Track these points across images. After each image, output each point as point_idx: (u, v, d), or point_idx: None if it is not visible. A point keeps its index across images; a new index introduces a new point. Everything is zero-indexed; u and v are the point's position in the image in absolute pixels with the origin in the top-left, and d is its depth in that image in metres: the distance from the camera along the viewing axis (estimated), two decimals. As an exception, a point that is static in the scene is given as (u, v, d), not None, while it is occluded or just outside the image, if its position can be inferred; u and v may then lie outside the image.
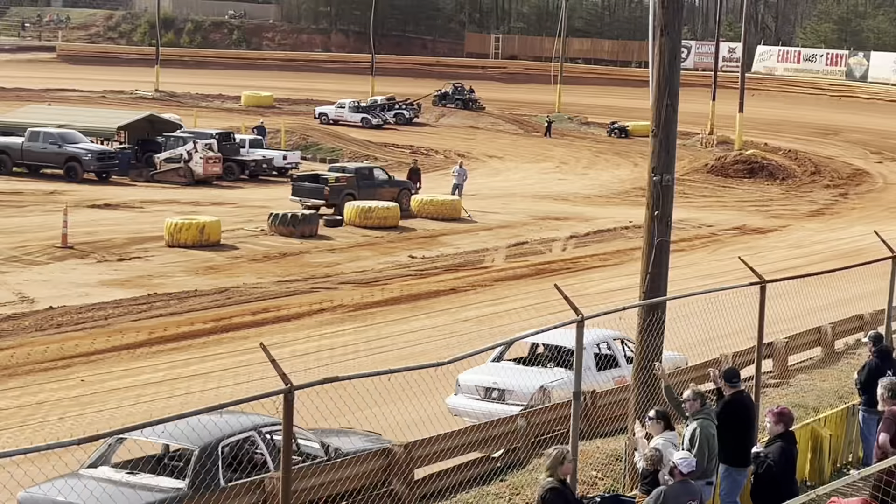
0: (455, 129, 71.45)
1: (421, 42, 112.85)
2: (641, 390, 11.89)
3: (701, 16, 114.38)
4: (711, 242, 36.32)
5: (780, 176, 54.37)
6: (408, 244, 33.69)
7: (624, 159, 59.57)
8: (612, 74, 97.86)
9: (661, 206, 12.18)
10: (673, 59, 12.15)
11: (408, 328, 22.74)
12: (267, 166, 48.93)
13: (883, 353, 13.07)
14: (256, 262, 29.58)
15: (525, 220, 39.17)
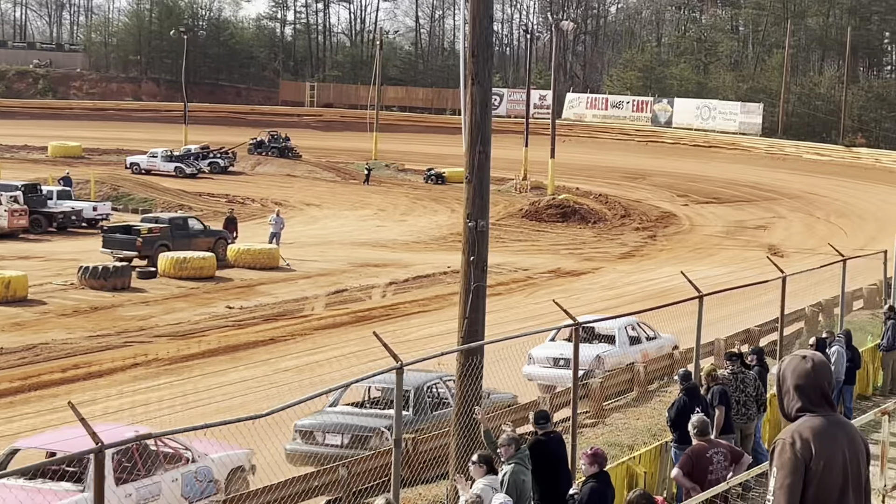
0: (271, 177, 70.95)
1: (235, 90, 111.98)
2: (462, 435, 11.94)
3: (512, 64, 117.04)
4: (528, 286, 36.94)
5: (592, 219, 55.84)
6: (225, 294, 33.16)
7: (441, 205, 60.20)
8: (427, 122, 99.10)
9: (477, 251, 12.33)
10: (485, 108, 12.36)
11: (226, 380, 22.34)
12: (76, 218, 47.54)
13: (690, 390, 13.48)
14: (66, 317, 28.62)
15: (344, 267, 39.08)
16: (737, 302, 21.77)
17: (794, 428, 5.16)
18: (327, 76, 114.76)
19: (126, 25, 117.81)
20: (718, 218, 58.20)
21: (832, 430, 5.14)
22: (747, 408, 14.54)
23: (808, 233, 52.17)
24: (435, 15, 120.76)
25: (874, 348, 21.05)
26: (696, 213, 59.62)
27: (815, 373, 5.18)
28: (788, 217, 57.73)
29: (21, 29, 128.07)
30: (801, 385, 5.19)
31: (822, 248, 23.30)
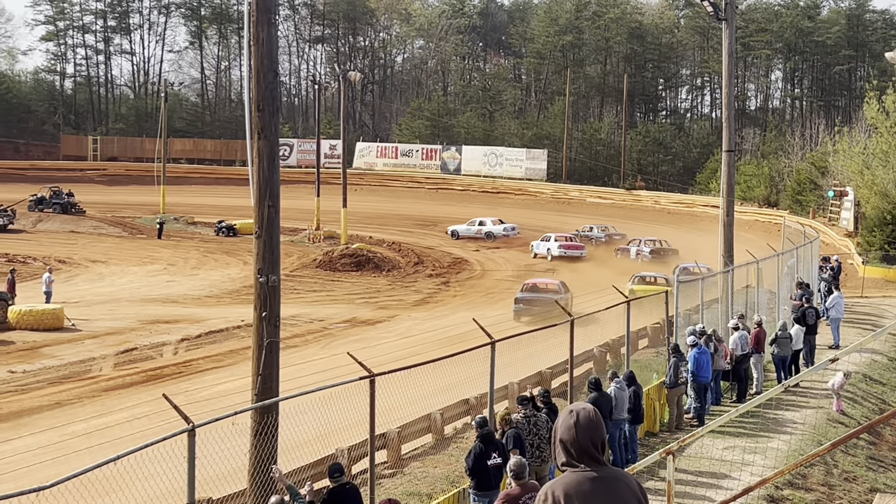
0: (54, 234, 68.64)
1: (13, 145, 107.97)
2: (258, 493, 11.76)
3: (301, 114, 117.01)
4: (323, 337, 36.79)
5: (386, 267, 56.19)
6: (6, 358, 31.78)
7: (233, 258, 59.45)
8: (216, 173, 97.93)
9: (269, 306, 12.24)
10: (272, 161, 12.32)
11: (9, 449, 21.32)
12: None
13: (486, 436, 13.66)
14: None
15: (133, 325, 38.06)
16: (529, 345, 22.21)
17: (550, 484, 5.19)
18: (111, 129, 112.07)
19: None
20: (508, 262, 59.44)
21: (590, 487, 5.10)
22: (541, 450, 14.84)
23: (594, 273, 53.84)
24: (221, 66, 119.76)
25: (660, 385, 21.82)
26: (488, 258, 60.74)
27: (578, 428, 5.17)
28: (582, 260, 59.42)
29: None
30: (564, 440, 5.20)
31: (608, 289, 24.07)
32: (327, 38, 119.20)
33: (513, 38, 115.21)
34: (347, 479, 11.80)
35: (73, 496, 9.72)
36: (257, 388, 11.96)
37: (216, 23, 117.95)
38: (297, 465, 14.92)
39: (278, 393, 12.26)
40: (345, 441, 16.95)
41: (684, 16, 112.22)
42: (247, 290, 46.48)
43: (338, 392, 13.52)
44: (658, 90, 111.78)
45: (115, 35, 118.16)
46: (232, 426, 11.37)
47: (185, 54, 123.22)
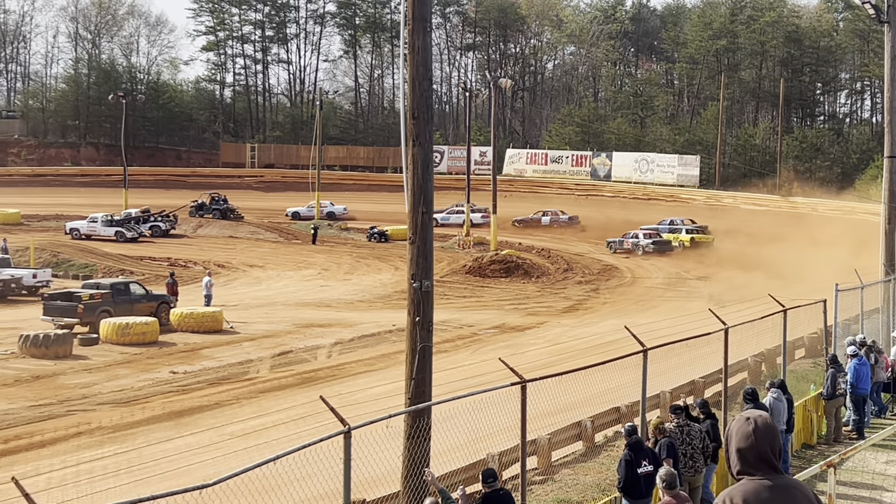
0: (214, 239, 70.65)
1: (175, 153, 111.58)
2: (411, 498, 11.90)
3: (452, 121, 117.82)
4: (473, 342, 36.97)
5: (535, 274, 56.16)
6: (169, 359, 32.85)
7: (385, 263, 60.23)
8: (368, 180, 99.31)
9: (422, 311, 12.38)
10: (426, 168, 12.46)
11: (171, 447, 22.03)
12: (16, 286, 46.99)
13: (635, 444, 13.53)
14: (7, 387, 28.17)
15: (289, 328, 38.91)
16: (680, 354, 21.93)
17: (727, 492, 5.18)
18: (268, 137, 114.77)
19: (63, 91, 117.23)
20: (659, 270, 58.73)
21: (767, 495, 5.10)
22: (694, 460, 14.64)
23: (749, 282, 52.78)
24: (374, 74, 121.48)
25: (817, 397, 21.28)
26: (638, 266, 60.12)
27: (756, 436, 5.16)
28: (728, 267, 58.41)
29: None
30: (741, 448, 5.17)
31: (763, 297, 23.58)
32: (478, 45, 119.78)
33: (665, 43, 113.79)
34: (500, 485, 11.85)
35: (233, 495, 10.00)
36: (410, 392, 12.12)
37: (370, 32, 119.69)
38: (448, 469, 15.04)
39: (431, 397, 12.40)
40: (496, 446, 17.00)
41: (843, 18, 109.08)
42: (398, 295, 47.07)
43: (488, 397, 13.59)
44: (815, 94, 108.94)
45: (272, 45, 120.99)
46: (386, 429, 11.54)
47: (340, 63, 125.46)
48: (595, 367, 16.01)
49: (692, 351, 22.59)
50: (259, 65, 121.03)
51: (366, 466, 11.73)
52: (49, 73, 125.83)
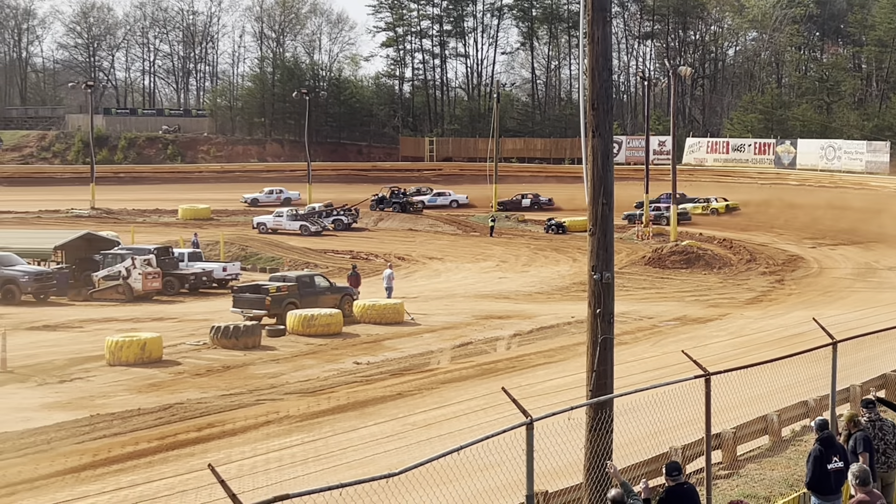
0: (394, 232, 71.83)
1: (356, 148, 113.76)
2: (594, 489, 11.87)
3: (630, 111, 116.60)
4: (653, 334, 36.56)
5: (717, 265, 55.12)
6: (352, 350, 33.55)
7: (563, 255, 60.10)
8: (545, 172, 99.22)
9: (603, 303, 12.32)
10: (606, 160, 12.38)
11: (356, 436, 22.53)
12: (207, 279, 48.73)
13: (826, 440, 13.15)
14: (200, 377, 29.26)
15: (468, 320, 39.23)
16: (871, 346, 21.22)
17: None
18: (446, 130, 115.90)
19: (250, 89, 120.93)
20: (848, 260, 56.89)
21: None
22: (887, 455, 14.14)
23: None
24: (551, 66, 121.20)
25: None
26: (825, 256, 58.40)
27: None
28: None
29: (150, 96, 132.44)
30: None
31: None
32: (657, 33, 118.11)
33: (852, 27, 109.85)
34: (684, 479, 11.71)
35: (419, 483, 10.17)
36: (592, 384, 12.07)
37: (547, 23, 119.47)
38: (630, 462, 14.94)
39: (613, 389, 12.33)
40: (678, 440, 16.79)
41: None
42: (576, 287, 46.89)
43: (670, 390, 13.44)
44: None
45: (450, 39, 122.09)
46: (567, 421, 11.53)
47: (517, 55, 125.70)
48: (782, 360, 15.64)
49: (883, 343, 21.85)
50: (437, 59, 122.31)
51: (548, 458, 11.76)
52: (235, 72, 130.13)
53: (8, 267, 44.84)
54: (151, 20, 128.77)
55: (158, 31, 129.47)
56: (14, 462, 20.62)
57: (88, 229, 56.22)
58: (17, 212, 77.39)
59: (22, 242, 50.05)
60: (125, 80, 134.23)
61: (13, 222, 71.18)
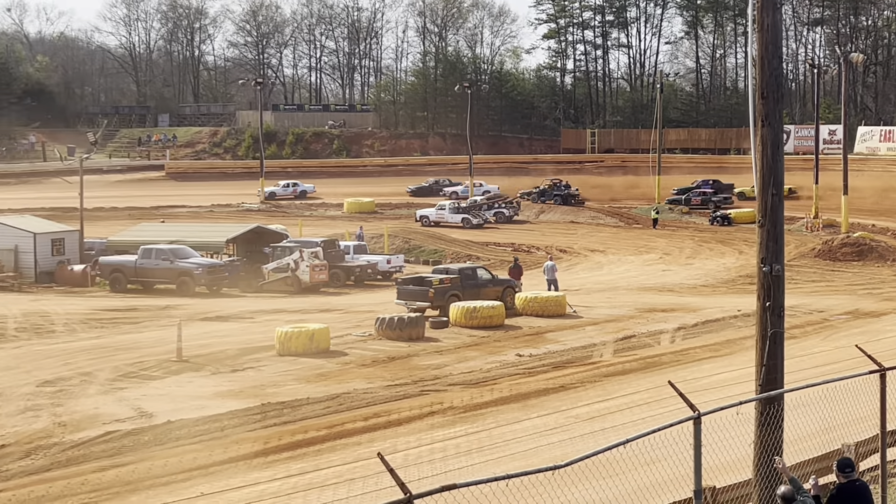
0: (555, 224, 71.65)
1: (517, 140, 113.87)
2: (763, 485, 11.66)
3: (799, 100, 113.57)
4: (823, 328, 35.60)
5: (891, 257, 53.30)
6: (514, 342, 33.64)
7: (728, 247, 58.97)
8: (710, 162, 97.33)
9: (773, 296, 12.06)
10: (776, 150, 12.11)
11: (519, 428, 22.61)
12: (371, 271, 49.54)
13: None
14: (366, 368, 29.78)
15: (631, 312, 38.90)
16: None
17: None
18: (608, 122, 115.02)
19: (413, 84, 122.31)
20: None
21: None
22: None
23: None
24: (716, 55, 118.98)
25: None
26: None
27: None
28: None
29: (316, 92, 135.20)
30: None
31: None
32: (827, 19, 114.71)
33: None
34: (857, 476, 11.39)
35: (584, 476, 10.16)
36: (761, 378, 11.83)
37: (712, 11, 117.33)
38: (799, 458, 14.60)
39: (783, 384, 12.07)
40: (851, 437, 16.31)
41: None
42: (742, 280, 46.00)
43: (842, 385, 13.08)
44: None
45: (612, 29, 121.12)
46: (736, 416, 11.35)
47: (681, 44, 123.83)
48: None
49: None
50: (599, 50, 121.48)
51: (715, 453, 11.59)
52: (399, 67, 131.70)
53: (183, 259, 46.44)
54: (318, 17, 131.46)
55: (324, 27, 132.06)
56: (189, 448, 21.38)
57: (258, 223, 57.76)
58: (190, 206, 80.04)
59: (196, 236, 51.78)
60: (292, 76, 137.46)
61: (187, 216, 73.63)
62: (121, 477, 19.25)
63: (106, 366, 29.51)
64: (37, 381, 27.47)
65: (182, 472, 19.65)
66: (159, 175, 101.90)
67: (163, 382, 27.79)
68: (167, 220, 66.09)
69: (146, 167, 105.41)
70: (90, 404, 25.11)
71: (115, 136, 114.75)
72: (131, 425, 23.10)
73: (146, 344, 33.10)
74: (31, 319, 38.15)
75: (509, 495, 9.05)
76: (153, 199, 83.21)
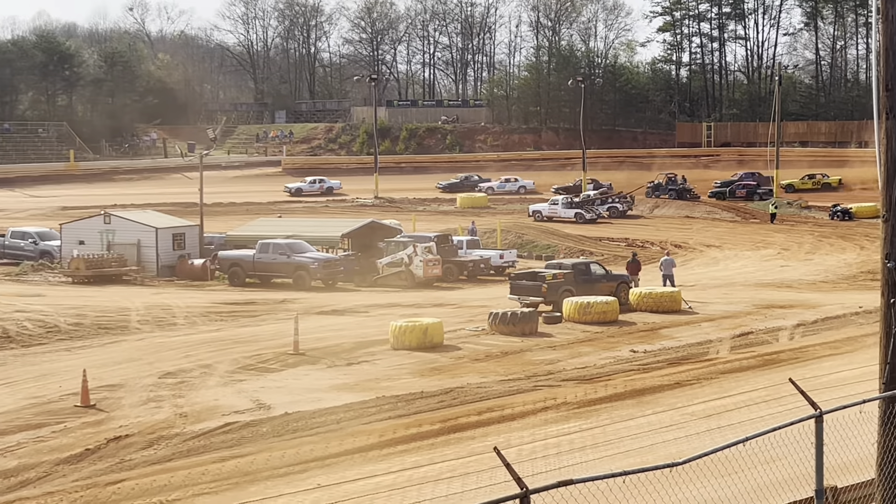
0: (670, 219, 70.94)
1: (631, 135, 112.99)
2: (887, 485, 11.40)
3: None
4: (950, 326, 34.54)
5: None
6: (629, 338, 33.39)
7: (849, 242, 57.68)
8: (829, 156, 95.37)
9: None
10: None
11: (634, 425, 22.41)
12: (484, 266, 49.64)
13: None
14: (479, 362, 29.84)
15: (748, 309, 38.29)
16: None
17: None
18: (724, 115, 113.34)
19: (525, 79, 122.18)
20: None
21: None
22: None
23: None
24: (836, 46, 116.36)
25: None
26: None
27: None
28: None
29: (430, 88, 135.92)
30: None
31: None
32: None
33: None
34: None
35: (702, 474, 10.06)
36: (885, 376, 11.55)
37: (832, 2, 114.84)
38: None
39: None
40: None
41: None
42: (864, 276, 44.97)
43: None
44: None
45: (729, 21, 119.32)
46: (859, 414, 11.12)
47: (800, 36, 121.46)
48: None
49: None
50: (715, 42, 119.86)
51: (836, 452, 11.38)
52: (512, 62, 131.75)
53: (299, 254, 47.13)
54: (431, 13, 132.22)
55: (438, 23, 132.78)
56: (306, 440, 21.68)
57: (372, 218, 58.32)
58: (306, 201, 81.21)
59: (311, 230, 52.53)
60: (406, 72, 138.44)
61: (303, 211, 74.73)
62: (240, 467, 19.61)
63: (225, 358, 30.11)
64: (159, 373, 28.16)
65: (299, 464, 19.93)
66: (276, 171, 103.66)
67: (280, 375, 28.23)
68: (284, 215, 67.13)
69: (263, 163, 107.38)
70: (210, 396, 25.65)
71: (233, 132, 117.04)
72: (250, 417, 23.51)
73: (264, 337, 33.68)
74: (153, 312, 39.12)
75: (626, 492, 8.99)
76: (270, 194, 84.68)
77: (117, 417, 23.69)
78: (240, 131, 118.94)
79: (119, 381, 27.12)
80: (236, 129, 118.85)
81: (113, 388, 26.32)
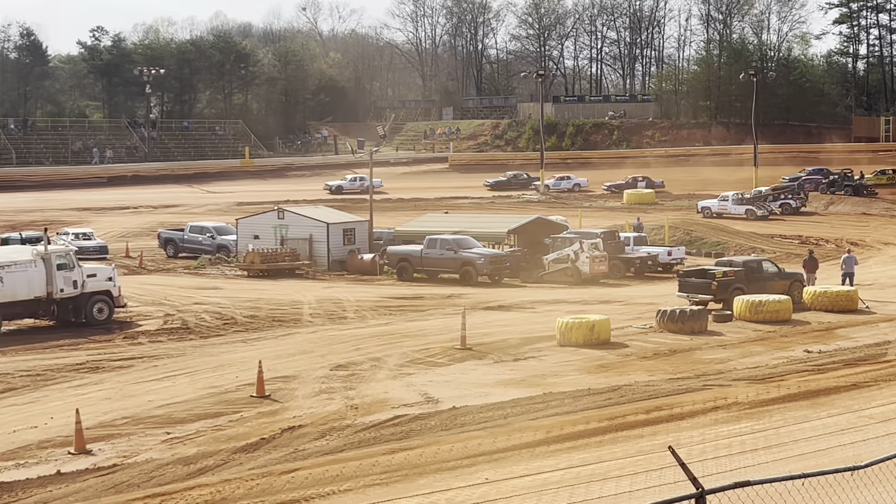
0: (845, 216, 68.82)
1: (805, 129, 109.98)
2: None
3: None
4: None
5: None
6: (802, 338, 32.54)
7: None
8: None
9: None
10: None
11: (808, 427, 21.84)
12: (652, 263, 49.09)
13: None
14: (647, 360, 29.53)
15: (934, 308, 36.91)
16: None
17: None
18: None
19: (695, 73, 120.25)
20: None
21: None
22: None
23: None
24: None
25: None
26: None
27: None
28: None
29: (597, 83, 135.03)
30: None
31: None
32: None
33: None
34: None
35: (885, 479, 9.78)
36: None
37: None
38: None
39: None
40: None
41: None
42: None
43: None
44: None
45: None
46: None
47: None
48: None
49: None
50: (895, 34, 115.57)
51: None
52: (681, 56, 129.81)
53: (466, 249, 47.45)
54: (599, 8, 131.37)
55: (606, 18, 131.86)
56: (474, 435, 21.82)
57: (538, 213, 58.27)
58: (472, 197, 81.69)
59: (478, 226, 52.81)
60: (573, 67, 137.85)
61: (469, 207, 75.17)
62: (409, 460, 19.87)
63: (394, 352, 30.57)
64: (330, 365, 28.77)
65: (467, 458, 20.08)
66: (443, 167, 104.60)
67: (447, 369, 28.49)
68: (451, 210, 67.69)
69: (431, 159, 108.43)
70: (380, 388, 26.07)
71: (401, 129, 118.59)
72: (418, 410, 23.80)
73: (432, 331, 34.05)
74: (324, 305, 39.97)
75: (804, 494, 8.81)
76: (437, 190, 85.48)
77: (291, 408, 24.31)
78: (408, 128, 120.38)
79: (293, 373, 27.82)
80: (404, 125, 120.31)
81: (287, 380, 27.02)
